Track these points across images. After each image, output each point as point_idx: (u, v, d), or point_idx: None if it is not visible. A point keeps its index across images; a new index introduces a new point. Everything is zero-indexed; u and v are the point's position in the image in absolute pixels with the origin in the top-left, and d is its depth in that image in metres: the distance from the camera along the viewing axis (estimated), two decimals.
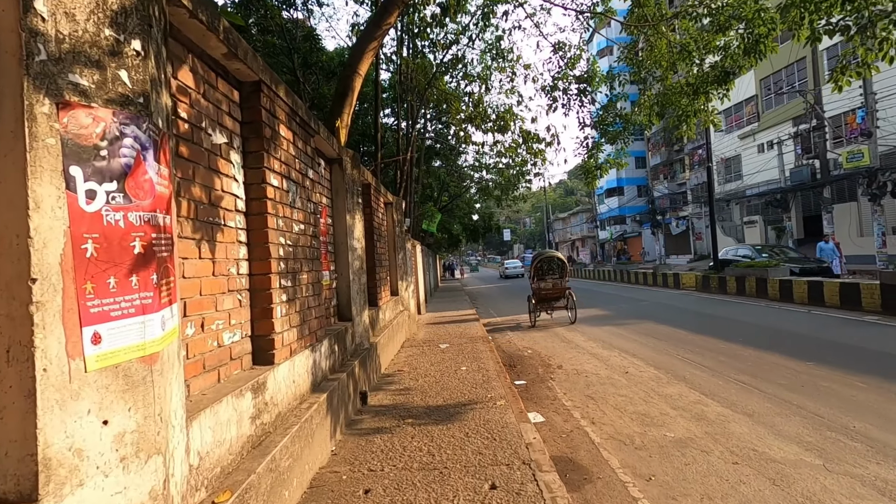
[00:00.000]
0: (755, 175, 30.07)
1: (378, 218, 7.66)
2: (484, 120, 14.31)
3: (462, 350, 8.00)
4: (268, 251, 3.07)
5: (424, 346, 8.63)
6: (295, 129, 3.72)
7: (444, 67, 13.58)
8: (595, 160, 12.55)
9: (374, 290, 7.11)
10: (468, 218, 30.41)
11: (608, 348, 8.94)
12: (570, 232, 71.06)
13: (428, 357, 7.52)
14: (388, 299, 8.15)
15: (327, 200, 5.13)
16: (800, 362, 6.90)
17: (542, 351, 9.17)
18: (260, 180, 3.08)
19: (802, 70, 26.60)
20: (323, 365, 4.02)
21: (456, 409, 4.76)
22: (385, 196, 8.60)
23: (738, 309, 12.46)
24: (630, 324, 11.59)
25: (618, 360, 7.88)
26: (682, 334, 9.77)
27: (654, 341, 9.28)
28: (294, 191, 3.61)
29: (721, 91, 11.23)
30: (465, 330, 10.48)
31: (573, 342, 9.81)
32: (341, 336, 4.79)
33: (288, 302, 3.31)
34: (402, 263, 9.67)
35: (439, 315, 14.22)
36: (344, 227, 5.29)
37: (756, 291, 13.71)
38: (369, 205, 7.14)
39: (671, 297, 17.12)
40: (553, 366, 7.85)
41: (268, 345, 3.05)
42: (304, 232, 3.80)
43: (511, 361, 8.43)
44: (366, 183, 6.98)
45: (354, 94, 8.16)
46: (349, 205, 5.42)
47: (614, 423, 4.98)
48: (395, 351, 7.88)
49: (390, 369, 6.75)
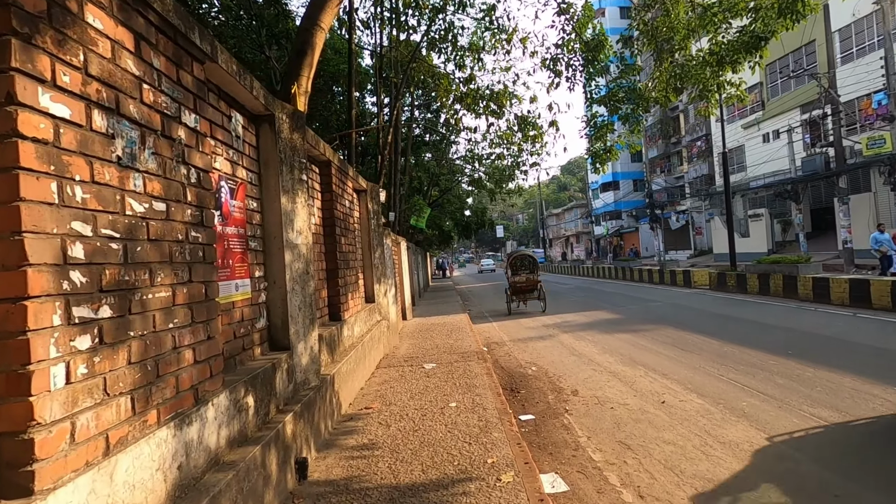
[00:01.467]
0: (760, 166, 28.69)
1: (343, 206, 6.01)
2: (476, 101, 12.66)
3: (452, 372, 6.37)
4: (20, 251, 1.42)
5: (406, 365, 6.99)
6: (139, 27, 2.06)
7: (430, 38, 11.90)
8: (604, 142, 10.97)
9: (337, 298, 5.47)
10: (460, 213, 28.76)
11: (629, 364, 7.36)
12: (564, 228, 69.67)
13: (408, 384, 5.89)
14: (358, 309, 6.51)
15: (248, 174, 3.47)
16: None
17: (548, 367, 7.57)
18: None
19: (812, 54, 25.20)
20: (211, 441, 2.37)
21: (440, 491, 3.12)
22: (356, 181, 6.94)
23: (769, 311, 10.95)
24: (646, 330, 10.03)
25: (646, 383, 6.30)
26: (713, 344, 8.21)
27: (683, 353, 7.71)
28: (132, 139, 1.96)
29: (752, 59, 9.70)
30: (457, 342, 8.85)
31: (584, 355, 8.23)
32: (266, 378, 3.15)
33: (94, 350, 1.66)
34: (380, 263, 8.03)
35: (428, 321, 12.58)
36: (278, 214, 3.64)
37: (783, 290, 12.22)
38: (329, 189, 5.48)
39: (683, 296, 15.60)
40: (566, 390, 6.26)
41: (20, 452, 1.40)
42: (167, 215, 2.15)
43: (512, 383, 6.83)
44: (323, 159, 5.32)
45: (315, 53, 6.49)
46: (287, 183, 3.77)
47: (673, 498, 3.38)
48: (366, 375, 6.24)
49: (356, 405, 5.11)
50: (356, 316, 6.21)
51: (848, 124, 22.09)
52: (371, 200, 7.89)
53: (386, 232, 8.96)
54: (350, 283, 6.05)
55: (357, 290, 6.51)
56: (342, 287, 5.61)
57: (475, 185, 25.69)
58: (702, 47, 10.31)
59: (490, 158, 23.45)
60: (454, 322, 11.84)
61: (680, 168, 44.41)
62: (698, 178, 40.28)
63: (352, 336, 5.83)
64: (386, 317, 8.14)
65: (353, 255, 6.38)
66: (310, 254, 4.04)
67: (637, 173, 51.93)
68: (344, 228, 5.95)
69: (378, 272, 7.95)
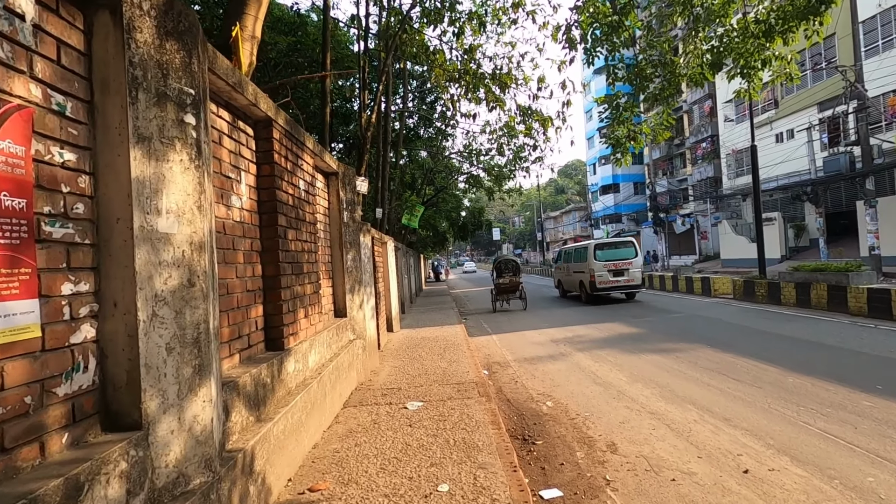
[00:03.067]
0: (773, 168, 27.20)
1: (294, 188, 4.31)
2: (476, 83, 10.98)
3: (444, 418, 4.67)
4: None
5: (383, 404, 5.29)
6: None
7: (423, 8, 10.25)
8: (628, 127, 9.33)
9: (278, 318, 3.77)
10: (456, 213, 27.08)
11: (673, 400, 5.69)
12: (562, 231, 68.15)
13: (382, 439, 4.19)
14: (317, 330, 4.81)
15: (53, 98, 1.78)
16: None
17: (568, 403, 5.90)
18: None
19: (831, 48, 23.74)
20: None
21: None
22: (320, 157, 5.25)
23: (820, 328, 9.30)
24: (678, 350, 8.37)
25: (707, 433, 4.63)
26: (771, 372, 6.55)
27: (738, 386, 6.05)
28: None
29: (811, 28, 8.08)
30: (451, 364, 7.16)
31: (611, 384, 6.56)
32: None
33: None
34: (355, 268, 6.32)
35: (418, 334, 10.88)
36: (126, 180, 1.96)
37: (828, 303, 10.60)
38: (270, 159, 3.79)
39: (705, 306, 13.96)
40: (598, 443, 4.58)
41: None
42: None
43: (524, 427, 5.15)
44: (258, 115, 3.64)
45: None
46: (149, 126, 2.09)
47: None
48: (326, 422, 4.54)
49: (297, 485, 3.40)
50: (314, 340, 4.51)
51: (871, 122, 20.61)
52: (344, 188, 6.20)
53: (365, 228, 7.26)
54: (303, 294, 4.35)
55: (317, 303, 4.80)
56: (288, 302, 3.91)
57: (473, 183, 24.01)
58: (745, 14, 8.71)
59: (489, 155, 21.83)
60: (448, 336, 10.14)
61: (683, 170, 42.92)
62: (703, 180, 38.81)
63: (303, 370, 4.13)
64: (361, 335, 6.44)
65: (311, 255, 4.68)
66: (202, 255, 2.34)
67: (638, 176, 50.49)
68: (295, 218, 4.25)
69: (352, 278, 6.25)
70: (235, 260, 3.31)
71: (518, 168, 19.24)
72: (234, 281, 3.25)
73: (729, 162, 32.61)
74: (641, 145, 9.50)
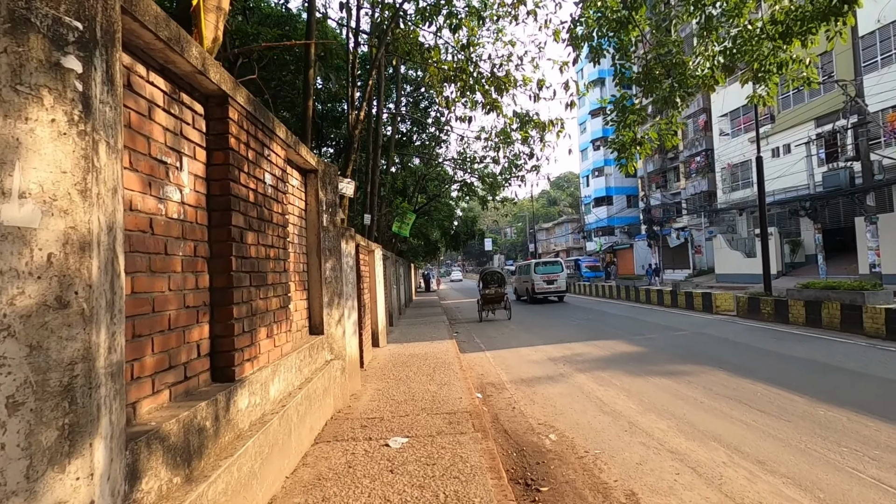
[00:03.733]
0: (770, 182, 26.90)
1: (256, 181, 3.58)
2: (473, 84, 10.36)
3: (433, 461, 3.92)
4: None
5: (361, 439, 4.52)
6: None
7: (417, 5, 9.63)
8: (633, 131, 8.73)
9: (229, 340, 3.03)
10: (448, 222, 26.39)
11: (694, 435, 4.99)
12: (555, 242, 67.75)
13: (357, 492, 3.43)
14: (284, 352, 4.05)
15: None
16: None
17: (574, 436, 5.18)
18: None
19: (828, 63, 23.57)
20: None
21: None
22: (294, 149, 4.53)
23: (837, 351, 8.67)
24: (688, 373, 7.70)
25: (742, 480, 3.92)
26: (797, 403, 5.87)
27: (762, 418, 5.37)
28: None
29: (834, 29, 7.55)
30: (441, 388, 6.41)
31: (620, 413, 5.85)
32: None
33: None
34: (334, 278, 5.58)
35: (405, 349, 10.11)
36: None
37: (842, 323, 10.01)
38: (224, 143, 3.07)
39: (708, 324, 13.33)
40: (615, 491, 3.86)
41: None
42: None
43: (525, 469, 4.41)
44: (209, 87, 2.92)
45: None
46: (4, 71, 1.36)
47: None
48: (290, 466, 3.78)
49: None
50: (278, 364, 3.76)
51: (871, 138, 20.34)
52: (325, 188, 5.48)
53: (348, 234, 6.52)
54: (266, 310, 3.61)
55: (284, 320, 4.05)
56: (243, 320, 3.17)
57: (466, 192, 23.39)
58: (760, 15, 8.19)
59: (483, 163, 21.23)
60: (438, 352, 9.39)
61: (677, 184, 42.70)
62: (697, 194, 38.57)
63: (261, 404, 3.37)
64: (341, 354, 5.67)
65: (279, 263, 3.93)
66: (86, 261, 1.61)
67: (631, 188, 50.26)
68: (257, 218, 3.52)
69: (332, 290, 5.51)
70: (169, 268, 2.57)
71: (513, 176, 18.64)
72: (165, 295, 2.51)
73: (724, 176, 32.36)
74: (649, 151, 8.90)
